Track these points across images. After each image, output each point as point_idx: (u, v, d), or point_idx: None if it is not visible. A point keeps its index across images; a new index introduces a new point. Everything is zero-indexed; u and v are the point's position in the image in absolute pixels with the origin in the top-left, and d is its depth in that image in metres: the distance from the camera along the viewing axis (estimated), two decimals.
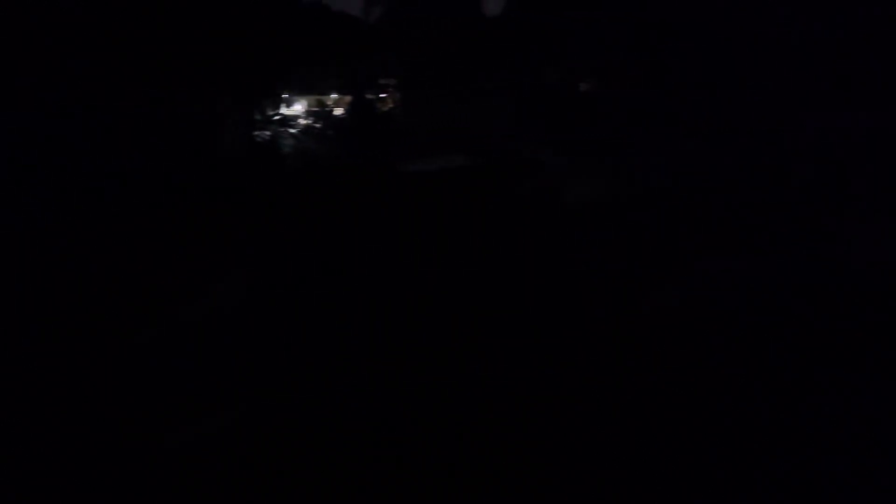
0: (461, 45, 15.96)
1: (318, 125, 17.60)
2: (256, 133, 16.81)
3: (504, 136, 14.12)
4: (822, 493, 4.21)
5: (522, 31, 16.03)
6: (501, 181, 11.89)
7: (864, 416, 4.99)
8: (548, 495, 4.23)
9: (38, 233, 10.55)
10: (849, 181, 11.61)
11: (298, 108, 18.19)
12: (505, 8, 17.50)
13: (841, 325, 6.60)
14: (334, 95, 17.86)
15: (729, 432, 4.84)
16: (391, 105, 16.71)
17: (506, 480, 4.31)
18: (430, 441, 4.85)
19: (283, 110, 17.91)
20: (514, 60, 15.65)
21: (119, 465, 4.60)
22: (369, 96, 16.77)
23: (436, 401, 5.32)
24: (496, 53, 16.05)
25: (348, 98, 17.16)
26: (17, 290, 8.22)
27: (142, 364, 6.10)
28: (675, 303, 7.48)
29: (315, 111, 18.20)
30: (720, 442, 4.74)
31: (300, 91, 18.75)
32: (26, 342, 6.70)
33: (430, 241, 9.63)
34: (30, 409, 5.37)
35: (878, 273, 8.04)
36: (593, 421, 5.05)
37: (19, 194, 11.67)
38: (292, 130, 17.49)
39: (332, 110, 17.95)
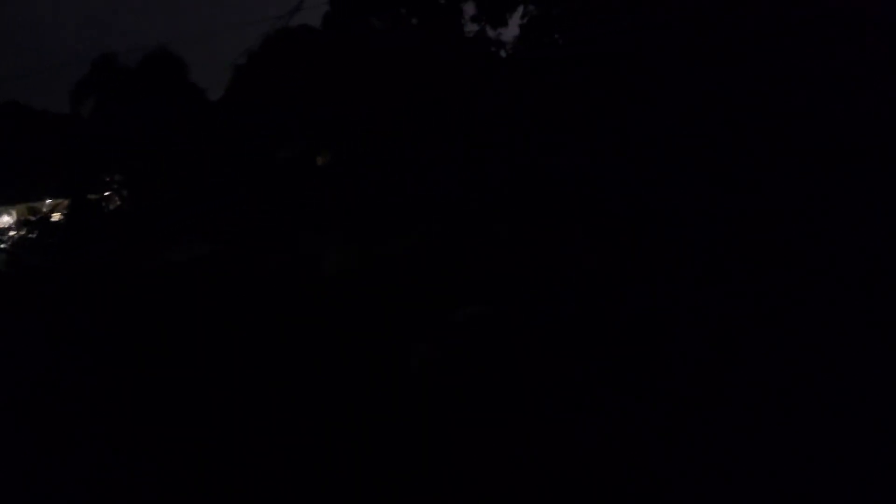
0: (185, 132, 15.47)
1: (32, 235, 15.68)
2: None
3: (249, 217, 13.83)
4: None
5: (250, 115, 16.03)
6: (250, 261, 11.59)
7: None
8: None
9: None
10: (572, 222, 12.90)
11: (6, 220, 16.09)
12: (229, 94, 17.42)
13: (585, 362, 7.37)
14: (49, 201, 16.07)
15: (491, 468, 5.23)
16: (118, 202, 15.48)
17: None
18: None
19: None
20: (245, 142, 15.55)
21: None
22: (92, 196, 15.37)
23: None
24: (229, 137, 15.80)
25: (67, 202, 15.56)
26: None
27: None
28: (436, 355, 7.82)
29: (28, 220, 16.21)
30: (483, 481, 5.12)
31: (7, 201, 16.58)
32: None
33: (183, 331, 9.22)
34: None
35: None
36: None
37: None
38: (1, 245, 15.37)
39: (48, 216, 16.13)
